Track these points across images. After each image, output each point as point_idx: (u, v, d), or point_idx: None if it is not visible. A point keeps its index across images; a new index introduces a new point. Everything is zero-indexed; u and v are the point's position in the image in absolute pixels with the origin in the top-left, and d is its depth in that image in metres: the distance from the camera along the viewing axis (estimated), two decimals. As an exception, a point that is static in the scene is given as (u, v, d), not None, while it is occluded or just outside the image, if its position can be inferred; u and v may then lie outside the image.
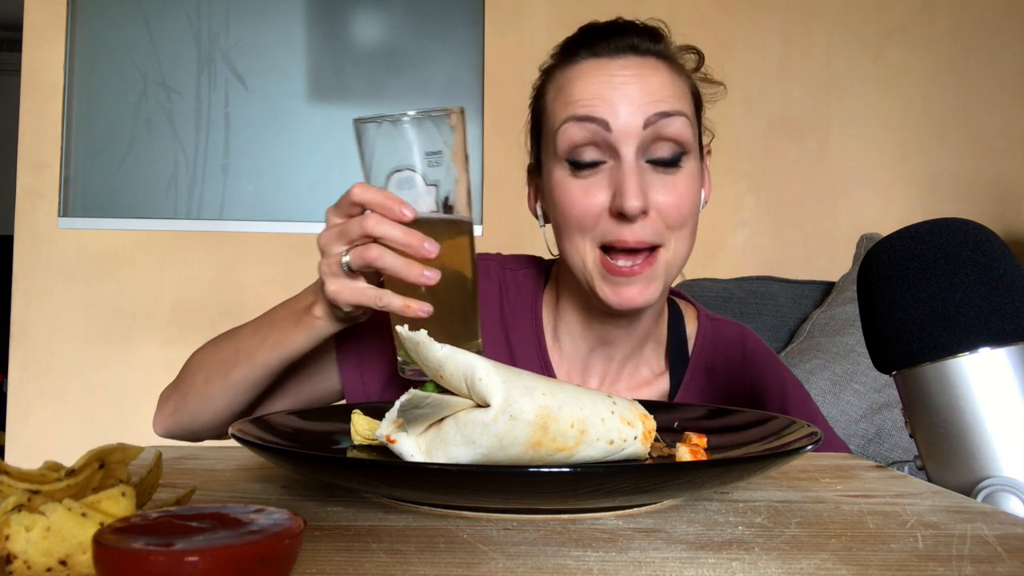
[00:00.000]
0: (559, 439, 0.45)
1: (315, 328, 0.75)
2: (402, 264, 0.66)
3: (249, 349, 0.80)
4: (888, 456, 1.53)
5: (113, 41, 2.17)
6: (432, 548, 0.37)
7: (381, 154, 0.69)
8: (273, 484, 0.52)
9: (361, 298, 0.69)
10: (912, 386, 0.57)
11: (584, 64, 0.80)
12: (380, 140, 0.68)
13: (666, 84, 0.79)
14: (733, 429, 0.61)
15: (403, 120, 0.68)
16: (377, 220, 0.66)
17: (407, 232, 0.66)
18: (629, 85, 0.77)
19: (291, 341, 0.77)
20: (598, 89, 0.78)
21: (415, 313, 0.66)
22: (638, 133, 0.76)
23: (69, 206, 2.14)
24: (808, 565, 0.36)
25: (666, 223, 0.78)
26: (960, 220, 0.58)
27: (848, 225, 2.24)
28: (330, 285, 0.70)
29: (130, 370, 2.13)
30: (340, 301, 0.70)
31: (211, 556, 0.25)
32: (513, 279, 0.94)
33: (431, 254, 0.66)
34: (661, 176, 0.78)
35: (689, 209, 0.79)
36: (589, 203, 0.78)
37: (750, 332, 0.96)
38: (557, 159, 0.80)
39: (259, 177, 2.19)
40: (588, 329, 0.88)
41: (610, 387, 0.89)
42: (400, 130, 0.68)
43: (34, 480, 0.32)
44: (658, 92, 0.77)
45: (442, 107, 0.69)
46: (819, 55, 2.31)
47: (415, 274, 0.66)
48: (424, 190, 0.68)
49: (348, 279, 0.69)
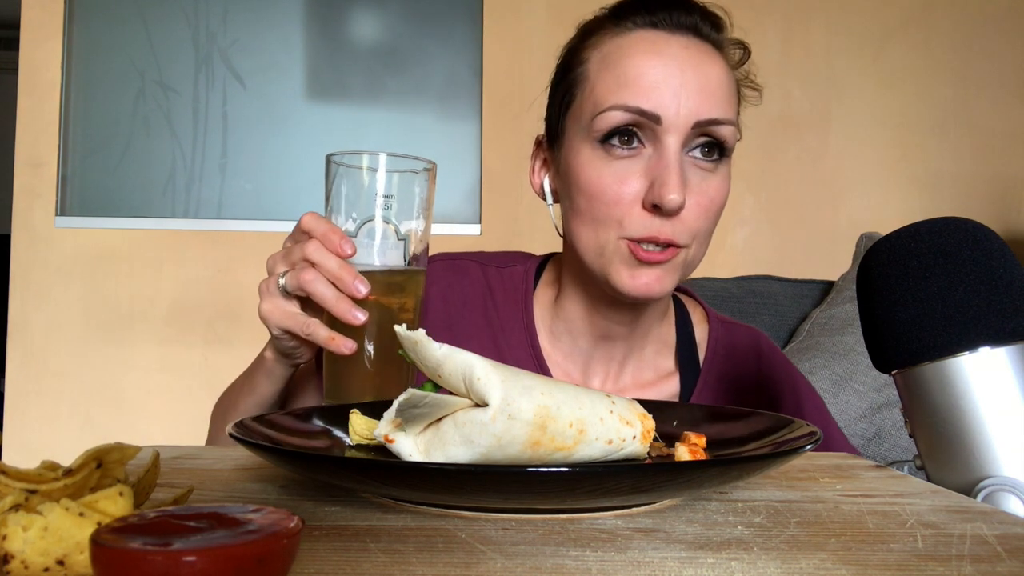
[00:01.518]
0: (558, 439, 0.45)
1: (269, 369, 0.75)
2: (332, 296, 0.65)
3: (236, 398, 0.81)
4: (888, 456, 1.53)
5: (111, 40, 2.17)
6: (430, 548, 0.37)
7: (352, 195, 0.67)
8: (271, 484, 0.52)
9: (290, 321, 0.67)
10: (912, 386, 0.57)
11: (639, 35, 0.74)
12: (354, 182, 0.67)
13: (723, 82, 0.74)
14: (732, 429, 0.61)
15: (382, 170, 0.66)
16: (316, 247, 0.65)
17: (342, 266, 0.65)
18: (688, 73, 0.71)
19: (258, 385, 0.77)
20: (655, 74, 0.71)
21: (338, 348, 0.65)
22: (687, 129, 0.72)
23: (66, 205, 2.14)
24: (807, 565, 0.36)
25: (693, 225, 0.73)
26: (960, 219, 0.58)
27: (848, 224, 2.24)
28: (264, 304, 0.69)
29: (128, 369, 2.13)
30: (271, 322, 0.68)
31: (209, 556, 0.25)
32: (499, 278, 0.90)
33: (359, 293, 0.64)
34: (699, 173, 0.74)
35: (718, 211, 0.76)
36: (622, 191, 0.72)
37: (764, 337, 0.93)
38: (589, 138, 0.74)
39: (257, 176, 2.19)
40: (590, 324, 0.84)
41: (612, 387, 0.87)
42: (379, 179, 0.67)
43: (31, 479, 0.32)
44: (716, 91, 0.73)
45: (420, 159, 0.68)
46: (819, 54, 2.31)
47: (342, 310, 0.64)
48: (395, 244, 0.67)
49: (282, 300, 0.68)
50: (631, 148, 0.73)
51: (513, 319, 0.88)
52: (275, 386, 0.76)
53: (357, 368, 0.67)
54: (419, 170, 0.67)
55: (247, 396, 0.78)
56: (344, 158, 0.67)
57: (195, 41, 2.19)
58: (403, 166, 0.67)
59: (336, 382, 0.68)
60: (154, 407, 2.13)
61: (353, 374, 0.67)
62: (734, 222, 2.27)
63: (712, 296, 1.77)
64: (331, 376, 0.69)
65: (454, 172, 2.22)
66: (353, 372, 0.67)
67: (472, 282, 0.89)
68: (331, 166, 0.67)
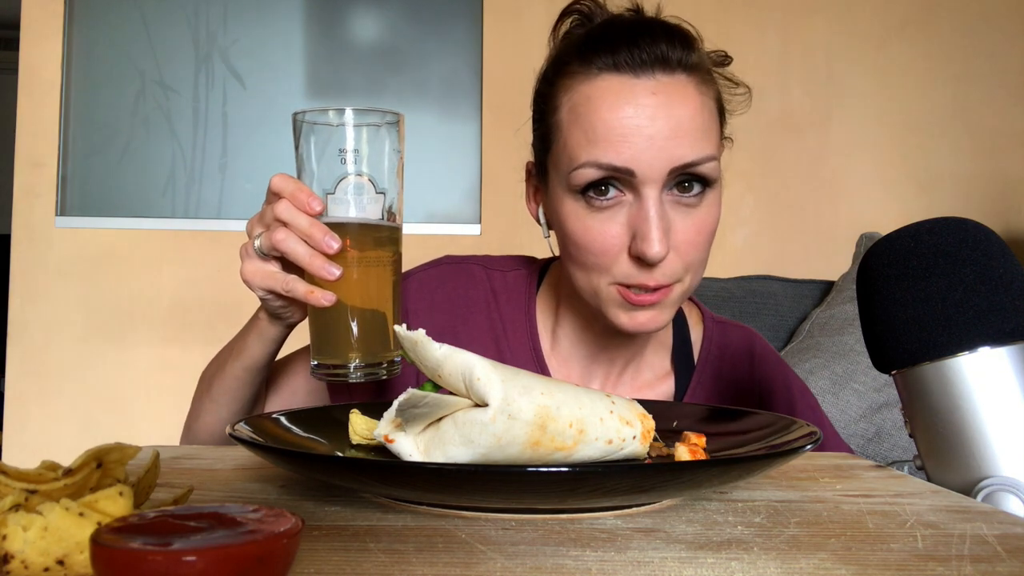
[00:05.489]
0: (557, 438, 0.45)
1: (261, 330, 0.76)
2: (304, 253, 0.65)
3: (222, 361, 0.81)
4: (888, 456, 1.53)
5: (111, 39, 2.17)
6: (430, 548, 0.37)
7: (318, 152, 0.67)
8: (271, 484, 0.52)
9: (269, 281, 0.69)
10: (912, 386, 0.57)
11: (605, 82, 0.72)
12: (320, 138, 0.67)
13: (697, 116, 0.72)
14: (732, 429, 0.61)
15: (350, 125, 0.66)
16: (286, 206, 0.66)
17: (312, 224, 0.65)
18: (659, 122, 0.70)
19: (247, 347, 0.77)
20: (624, 127, 0.70)
21: (317, 301, 0.66)
22: (663, 178, 0.71)
23: (66, 205, 2.14)
24: (807, 565, 0.36)
25: (685, 260, 0.74)
26: (960, 219, 0.58)
27: (848, 224, 2.24)
28: (244, 266, 0.70)
29: (128, 369, 2.13)
30: (253, 284, 0.70)
31: (209, 556, 0.25)
32: (503, 281, 0.91)
33: (330, 249, 0.65)
34: (682, 211, 0.73)
35: (708, 239, 0.75)
36: (608, 242, 0.73)
37: (758, 336, 0.94)
38: (569, 189, 0.74)
39: (257, 176, 2.19)
40: (591, 336, 0.87)
41: (612, 390, 0.88)
42: (348, 134, 0.66)
43: (31, 480, 0.32)
44: (690, 131, 0.71)
45: (387, 111, 0.67)
46: (819, 53, 2.31)
47: (316, 266, 0.65)
48: (373, 198, 0.68)
49: (260, 261, 0.69)
50: (609, 199, 0.73)
51: (516, 322, 0.89)
52: (266, 348, 0.77)
53: (340, 323, 0.67)
54: (383, 123, 0.67)
55: (236, 359, 0.78)
56: (308, 115, 0.67)
57: (195, 41, 2.19)
58: (369, 120, 0.67)
59: (320, 338, 0.69)
60: (154, 407, 2.13)
61: (337, 329, 0.68)
62: (734, 222, 2.27)
63: (712, 296, 1.77)
64: (316, 333, 0.70)
65: (454, 172, 2.22)
66: (337, 327, 0.68)
67: (477, 284, 0.91)
68: (297, 124, 0.68)
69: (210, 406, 0.82)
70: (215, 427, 0.82)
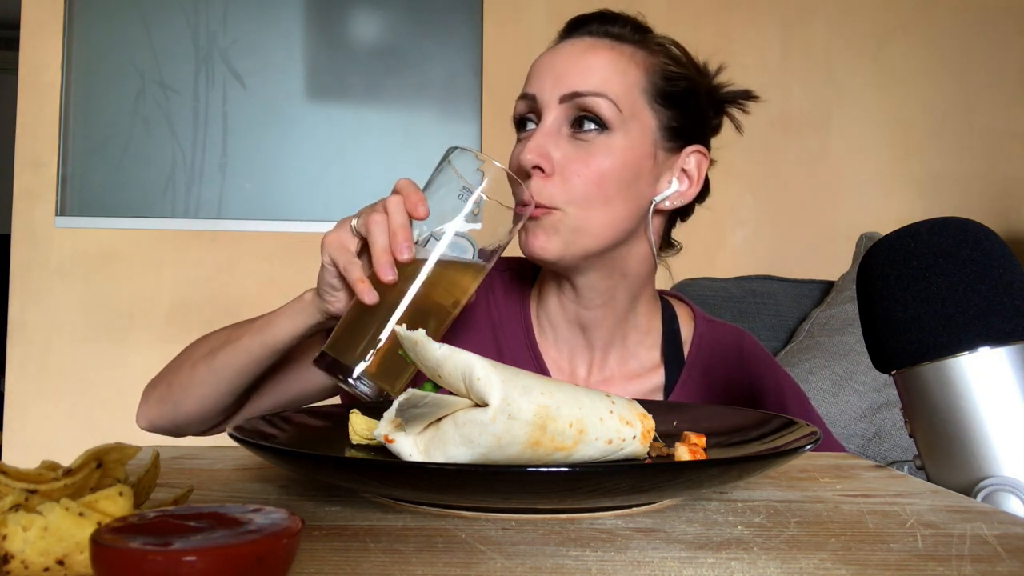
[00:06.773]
0: (557, 438, 0.45)
1: (297, 309, 0.77)
2: (380, 244, 0.67)
3: (236, 335, 0.81)
4: (888, 456, 1.53)
5: (111, 40, 2.17)
6: (430, 548, 0.37)
7: (446, 191, 0.70)
8: (271, 484, 0.52)
9: (339, 252, 0.70)
10: (911, 386, 0.57)
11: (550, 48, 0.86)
12: (454, 182, 0.69)
13: (605, 63, 0.81)
14: (732, 429, 0.61)
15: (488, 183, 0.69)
16: (396, 200, 0.68)
17: (403, 226, 0.67)
18: (566, 61, 0.81)
19: (273, 325, 0.78)
20: (539, 67, 0.84)
21: (362, 293, 0.66)
22: (556, 105, 0.80)
23: (67, 205, 2.14)
24: (807, 565, 0.36)
25: (566, 187, 0.79)
26: (960, 219, 0.58)
27: (847, 224, 2.24)
28: (330, 232, 0.72)
29: (128, 369, 2.13)
30: (326, 249, 0.71)
31: (209, 556, 0.25)
32: (501, 280, 0.94)
33: (400, 255, 0.66)
34: (576, 144, 0.80)
35: (596, 181, 0.79)
36: (514, 164, 0.82)
37: (748, 335, 0.96)
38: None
39: (257, 176, 2.19)
40: (563, 312, 0.89)
41: (598, 375, 0.89)
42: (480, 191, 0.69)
43: (31, 479, 0.32)
44: (590, 69, 0.80)
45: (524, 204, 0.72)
46: (819, 54, 2.31)
47: (381, 260, 0.67)
48: (463, 248, 0.70)
49: (347, 234, 0.71)
50: (527, 130, 0.84)
51: (511, 316, 0.92)
52: (294, 329, 0.77)
53: (369, 328, 0.67)
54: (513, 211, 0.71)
55: (257, 334, 0.79)
56: (463, 156, 0.70)
57: (195, 41, 2.19)
58: (504, 199, 0.70)
59: (344, 332, 0.69)
60: (154, 407, 2.12)
61: (364, 332, 0.67)
62: (733, 222, 2.27)
63: (712, 296, 1.78)
64: (343, 326, 0.69)
65: (454, 172, 2.22)
66: (365, 330, 0.67)
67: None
68: (448, 156, 0.70)
69: (208, 376, 0.82)
70: (208, 403, 0.82)
